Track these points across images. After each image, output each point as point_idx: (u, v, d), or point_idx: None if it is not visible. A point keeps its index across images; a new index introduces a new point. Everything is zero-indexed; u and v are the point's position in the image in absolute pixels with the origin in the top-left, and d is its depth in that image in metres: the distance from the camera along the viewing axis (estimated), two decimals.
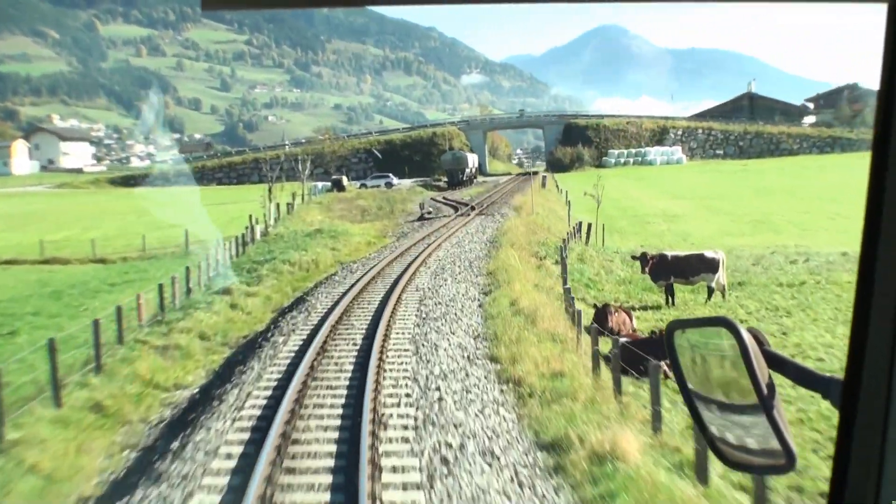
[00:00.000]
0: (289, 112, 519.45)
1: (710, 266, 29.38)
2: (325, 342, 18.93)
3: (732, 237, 48.69)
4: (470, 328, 21.13)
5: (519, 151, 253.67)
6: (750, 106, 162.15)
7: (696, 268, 29.50)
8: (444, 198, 79.67)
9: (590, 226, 43.16)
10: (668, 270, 29.34)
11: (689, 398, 2.30)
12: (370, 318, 22.03)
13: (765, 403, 2.04)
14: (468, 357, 17.93)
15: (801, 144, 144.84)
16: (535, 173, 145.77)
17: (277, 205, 58.87)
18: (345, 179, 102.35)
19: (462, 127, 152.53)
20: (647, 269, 29.53)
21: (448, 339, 19.45)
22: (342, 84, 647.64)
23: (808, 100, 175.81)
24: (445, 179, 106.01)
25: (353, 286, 26.83)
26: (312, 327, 21.16)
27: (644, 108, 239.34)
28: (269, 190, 59.08)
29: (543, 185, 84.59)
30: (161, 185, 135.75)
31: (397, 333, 20.18)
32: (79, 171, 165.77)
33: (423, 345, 18.84)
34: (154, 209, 78.90)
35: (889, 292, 1.93)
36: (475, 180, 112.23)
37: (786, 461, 2.04)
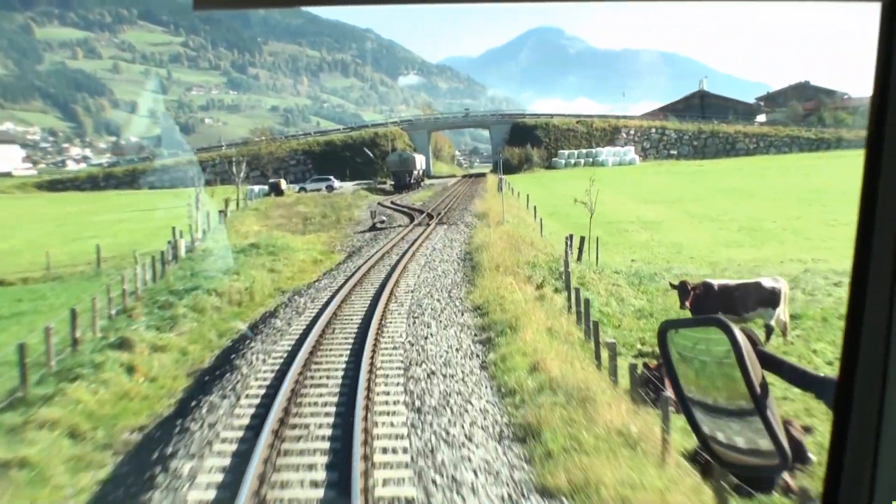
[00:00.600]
0: (225, 114, 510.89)
1: (770, 298, 22.01)
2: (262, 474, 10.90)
3: (733, 249, 41.83)
4: (489, 436, 12.74)
5: (457, 153, 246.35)
6: (701, 104, 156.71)
7: (750, 300, 22.09)
8: (393, 203, 72.14)
9: (582, 240, 35.38)
10: (714, 304, 21.73)
11: (683, 398, 2.30)
12: (333, 417, 13.73)
13: (758, 403, 2.05)
14: None
15: (757, 144, 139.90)
16: (483, 175, 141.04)
17: (208, 213, 50.74)
18: (283, 183, 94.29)
19: (405, 127, 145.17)
20: (687, 303, 21.88)
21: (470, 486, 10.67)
22: (279, 86, 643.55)
23: (759, 98, 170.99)
24: (391, 182, 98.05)
25: (300, 342, 18.65)
26: (242, 428, 13.25)
27: (586, 108, 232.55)
28: (197, 197, 49.99)
29: (500, 188, 77.20)
30: (89, 189, 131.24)
31: (384, 468, 11.35)
32: (7, 174, 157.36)
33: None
34: (74, 217, 72.10)
35: (882, 293, 1.94)
36: (422, 183, 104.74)
37: (779, 461, 2.08)
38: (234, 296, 27.03)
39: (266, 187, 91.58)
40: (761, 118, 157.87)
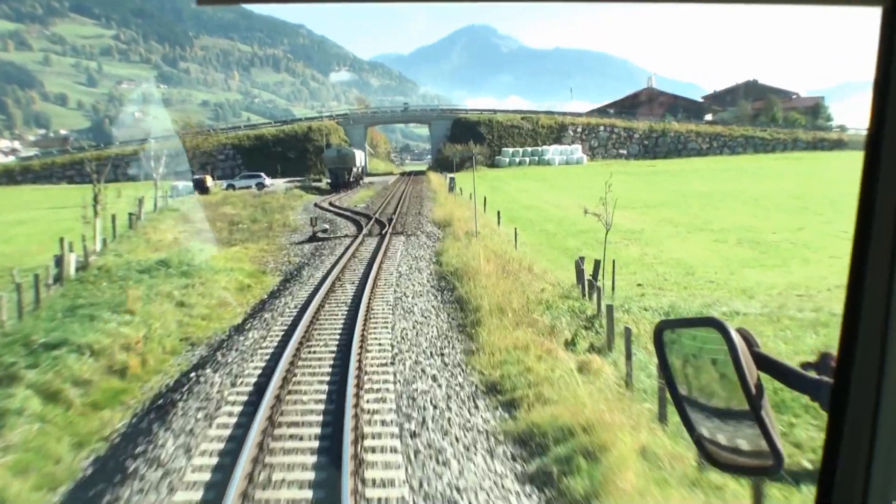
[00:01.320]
0: (156, 108, 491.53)
1: None
2: None
3: (754, 269, 33.28)
4: None
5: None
6: (649, 102, 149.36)
7: None
8: (332, 205, 62.99)
9: (598, 264, 26.07)
10: None
11: (678, 398, 2.30)
12: None
13: (753, 404, 2.04)
14: None
15: (710, 144, 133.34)
16: (423, 172, 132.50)
17: (114, 217, 40.90)
18: (209, 179, 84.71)
19: (341, 121, 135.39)
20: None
21: None
22: (210, 80, 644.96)
23: (705, 97, 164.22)
24: (328, 181, 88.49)
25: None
26: None
27: (518, 107, 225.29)
28: (95, 198, 38.94)
29: (451, 188, 68.54)
30: (4, 183, 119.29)
31: None
32: None
33: None
34: None
35: (879, 295, 1.95)
36: (362, 181, 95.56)
37: (773, 462, 2.05)
38: (118, 356, 17.73)
39: (191, 184, 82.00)
40: (707, 117, 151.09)
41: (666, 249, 39.34)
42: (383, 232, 40.02)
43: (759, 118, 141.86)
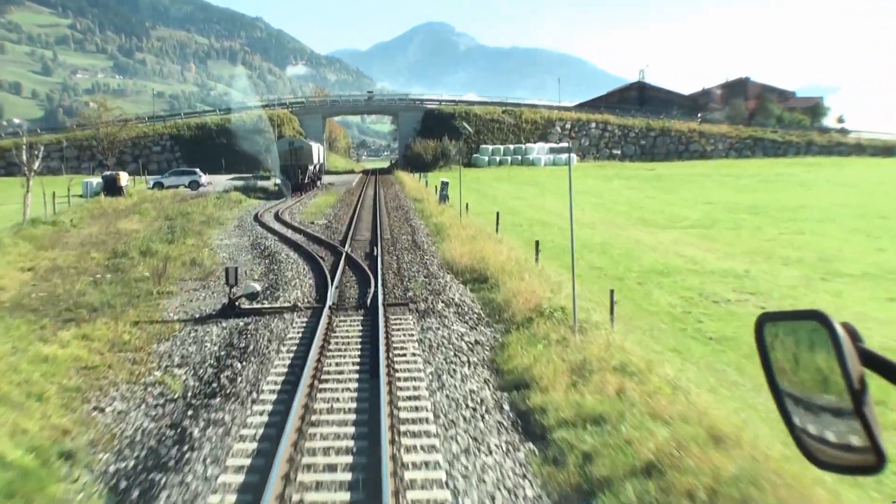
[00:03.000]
0: (110, 98, 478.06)
1: None
2: None
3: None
4: None
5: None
6: (640, 98, 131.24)
7: None
8: (279, 218, 43.14)
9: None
10: None
11: (778, 393, 2.25)
12: None
13: (856, 400, 1.97)
14: None
15: (715, 146, 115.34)
16: (388, 171, 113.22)
17: None
18: (123, 177, 64.03)
19: (296, 110, 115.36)
20: None
21: None
22: (166, 72, 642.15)
23: (693, 95, 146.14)
24: (277, 181, 68.32)
25: None
26: None
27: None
28: None
29: (443, 198, 49.23)
30: None
31: None
32: None
33: None
34: None
35: None
36: (320, 182, 75.67)
37: (875, 461, 1.98)
38: None
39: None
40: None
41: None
42: (367, 301, 19.54)
43: (755, 118, 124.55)
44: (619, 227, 41.46)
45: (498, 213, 34.56)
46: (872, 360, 1.95)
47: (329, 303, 18.78)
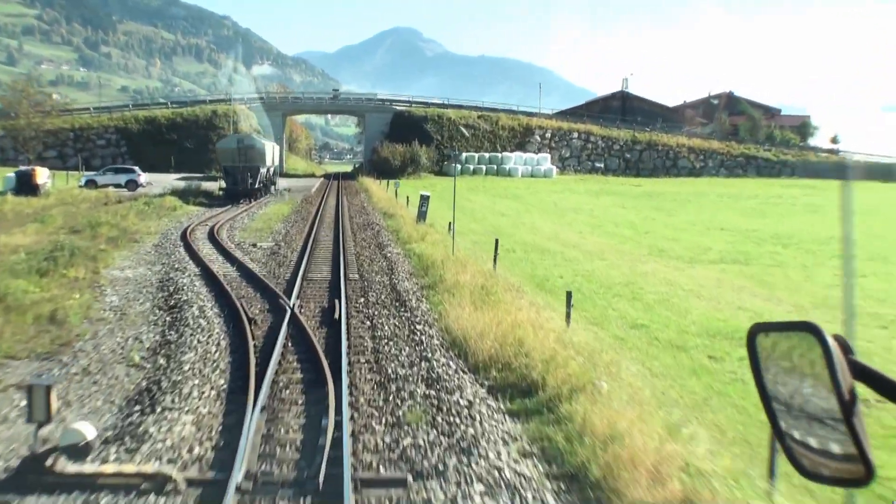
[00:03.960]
0: (74, 91, 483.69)
1: None
2: None
3: None
4: None
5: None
6: (623, 107, 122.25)
7: None
8: (212, 235, 32.91)
9: None
10: None
11: (769, 403, 2.23)
12: None
13: (845, 411, 1.96)
14: None
15: (705, 162, 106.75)
16: (351, 175, 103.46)
17: None
18: (40, 174, 53.32)
19: (254, 106, 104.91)
20: None
21: None
22: (131, 66, 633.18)
23: (677, 107, 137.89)
24: (223, 185, 57.72)
25: None
26: None
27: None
28: None
29: (421, 216, 39.32)
30: None
31: None
32: None
33: None
34: None
35: None
36: (274, 188, 65.23)
37: (864, 473, 1.97)
38: None
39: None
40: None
41: None
42: (320, 465, 9.00)
43: (738, 134, 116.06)
44: (634, 258, 32.60)
45: (497, 242, 24.75)
46: (864, 373, 1.95)
47: (238, 470, 8.75)
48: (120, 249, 28.41)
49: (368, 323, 17.12)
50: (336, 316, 16.93)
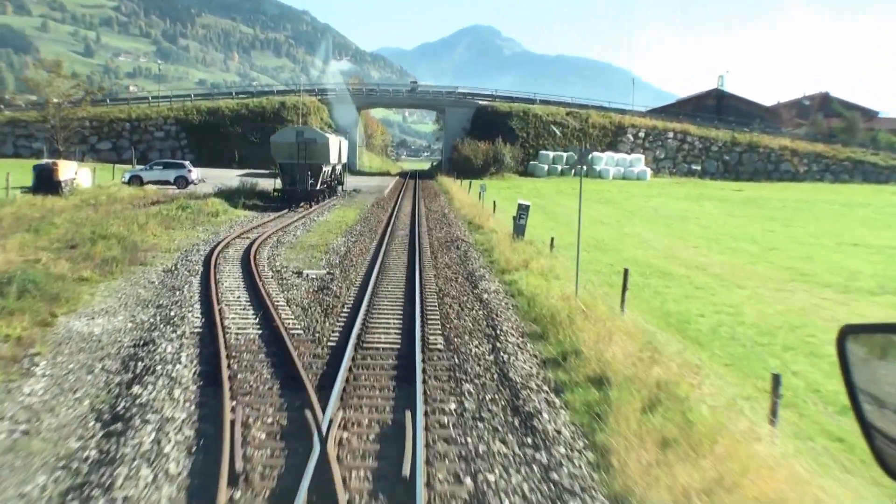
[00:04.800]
0: (151, 83, 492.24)
1: None
2: None
3: None
4: None
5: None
6: (717, 106, 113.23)
7: None
8: (247, 255, 24.68)
9: None
10: None
11: (858, 406, 2.15)
12: None
13: None
14: None
15: (808, 167, 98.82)
16: (430, 174, 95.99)
17: None
18: (66, 168, 45.91)
19: (328, 98, 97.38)
20: None
21: None
22: (209, 60, 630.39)
23: (773, 107, 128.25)
24: (278, 185, 49.10)
25: None
26: None
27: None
28: None
29: (518, 230, 31.17)
30: None
31: None
32: None
33: None
34: None
35: None
36: (342, 189, 57.27)
37: None
38: None
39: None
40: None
41: None
42: None
43: (837, 137, 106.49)
44: (776, 285, 25.42)
45: (626, 273, 17.11)
46: None
47: None
48: (111, 279, 20.46)
49: (469, 485, 8.60)
50: (406, 472, 8.47)
